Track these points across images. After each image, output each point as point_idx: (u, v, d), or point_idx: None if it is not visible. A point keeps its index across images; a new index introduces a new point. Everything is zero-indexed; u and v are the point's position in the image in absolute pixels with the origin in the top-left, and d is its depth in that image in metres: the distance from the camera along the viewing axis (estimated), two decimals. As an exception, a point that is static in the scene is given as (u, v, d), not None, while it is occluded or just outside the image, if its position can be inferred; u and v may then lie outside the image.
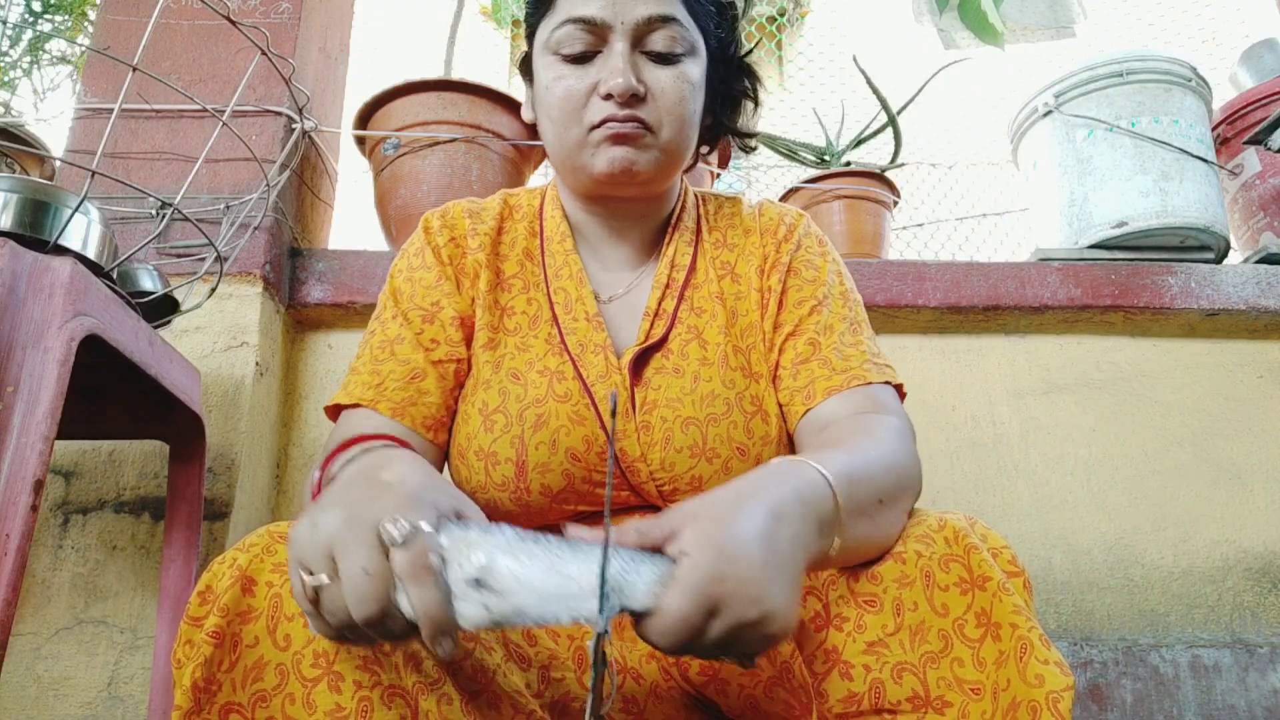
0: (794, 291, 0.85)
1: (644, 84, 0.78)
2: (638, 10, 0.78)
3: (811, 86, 2.77)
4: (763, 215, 0.91)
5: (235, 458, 1.24)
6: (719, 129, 0.91)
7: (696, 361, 0.81)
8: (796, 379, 0.80)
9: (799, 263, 0.86)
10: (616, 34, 0.78)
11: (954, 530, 0.61)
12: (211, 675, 0.54)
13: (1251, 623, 1.44)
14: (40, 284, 0.75)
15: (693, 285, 0.87)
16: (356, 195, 1.82)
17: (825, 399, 0.78)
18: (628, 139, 0.78)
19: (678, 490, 0.75)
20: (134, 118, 1.41)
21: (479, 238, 0.87)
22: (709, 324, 0.84)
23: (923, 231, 2.43)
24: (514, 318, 0.85)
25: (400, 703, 0.56)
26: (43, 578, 1.17)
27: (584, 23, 0.78)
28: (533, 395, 0.78)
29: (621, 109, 0.77)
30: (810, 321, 0.83)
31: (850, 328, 0.83)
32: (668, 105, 0.79)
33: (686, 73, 0.80)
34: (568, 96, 0.79)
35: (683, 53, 0.80)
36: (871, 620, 0.62)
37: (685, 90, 0.80)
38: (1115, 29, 2.84)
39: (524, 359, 0.81)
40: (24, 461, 0.68)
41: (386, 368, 0.80)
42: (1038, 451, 1.54)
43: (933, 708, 0.58)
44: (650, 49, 0.79)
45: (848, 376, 0.78)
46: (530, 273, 0.87)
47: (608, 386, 0.78)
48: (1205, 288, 1.58)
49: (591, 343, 0.81)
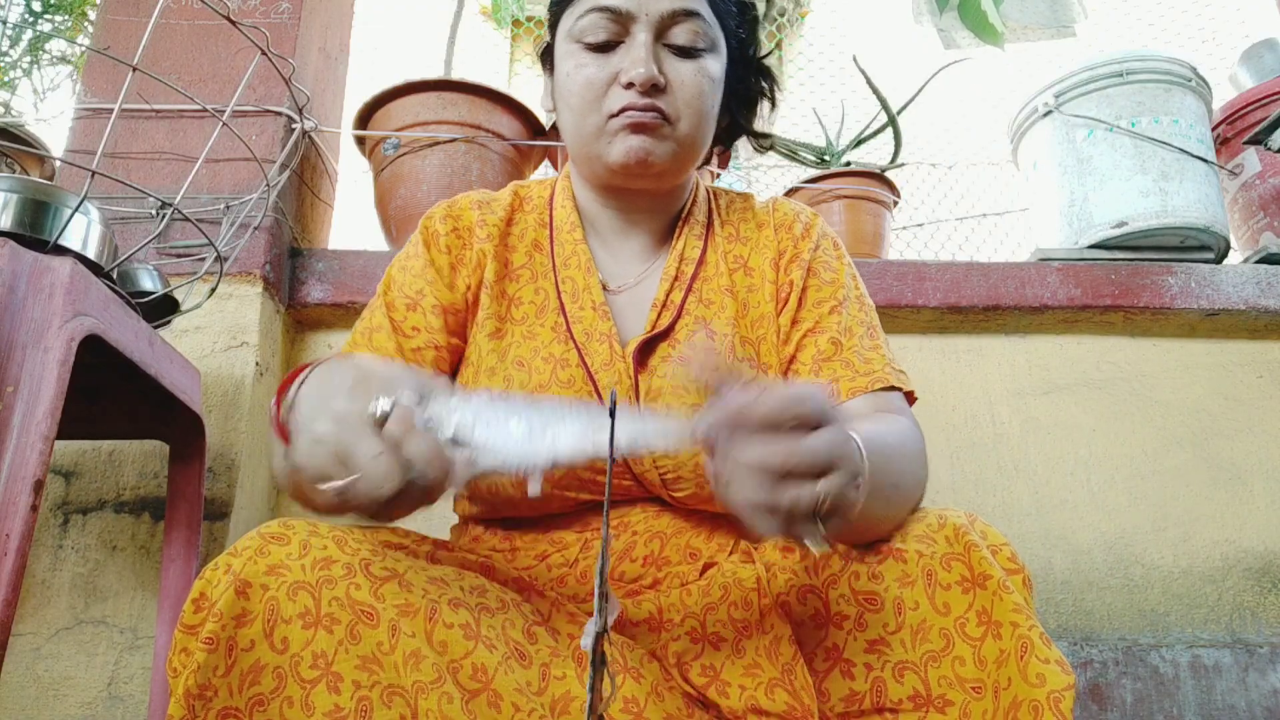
0: (814, 291, 0.85)
1: (665, 75, 0.79)
2: (662, 3, 0.79)
3: (811, 86, 2.77)
4: (777, 210, 0.91)
5: (235, 458, 1.24)
6: (735, 129, 0.92)
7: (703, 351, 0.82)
8: (819, 375, 0.81)
9: (818, 263, 0.87)
10: (640, 24, 0.79)
11: (954, 528, 0.62)
12: (207, 681, 0.54)
13: (1251, 623, 1.44)
14: (40, 284, 0.75)
15: (702, 278, 0.87)
16: (356, 195, 1.82)
17: (849, 398, 0.79)
18: (646, 128, 0.79)
19: (681, 479, 0.75)
20: (134, 118, 1.41)
21: (487, 228, 0.88)
22: (717, 315, 0.84)
23: (923, 231, 2.43)
24: (521, 307, 0.85)
25: (400, 702, 0.56)
26: (43, 578, 1.17)
27: (609, 11, 0.79)
28: (536, 381, 0.79)
29: (641, 98, 0.78)
30: (830, 321, 0.83)
31: (868, 332, 0.84)
32: (687, 98, 0.80)
33: (707, 68, 0.81)
34: (588, 84, 0.80)
35: (704, 48, 0.81)
36: (872, 619, 0.62)
37: (705, 85, 0.81)
38: (1115, 29, 2.84)
39: (529, 347, 0.82)
40: (24, 461, 0.68)
41: (361, 353, 0.83)
42: (1038, 451, 1.54)
43: (934, 706, 0.59)
44: (672, 42, 0.80)
45: (871, 379, 0.79)
46: (538, 263, 0.88)
47: (612, 375, 0.79)
48: (1205, 288, 1.58)
49: (597, 331, 0.81)
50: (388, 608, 0.58)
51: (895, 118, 1.85)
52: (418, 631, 0.59)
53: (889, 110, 1.85)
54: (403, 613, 0.59)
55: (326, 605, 0.57)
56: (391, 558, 0.62)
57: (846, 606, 0.63)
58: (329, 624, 0.56)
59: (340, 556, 0.59)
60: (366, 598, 0.58)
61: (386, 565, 0.61)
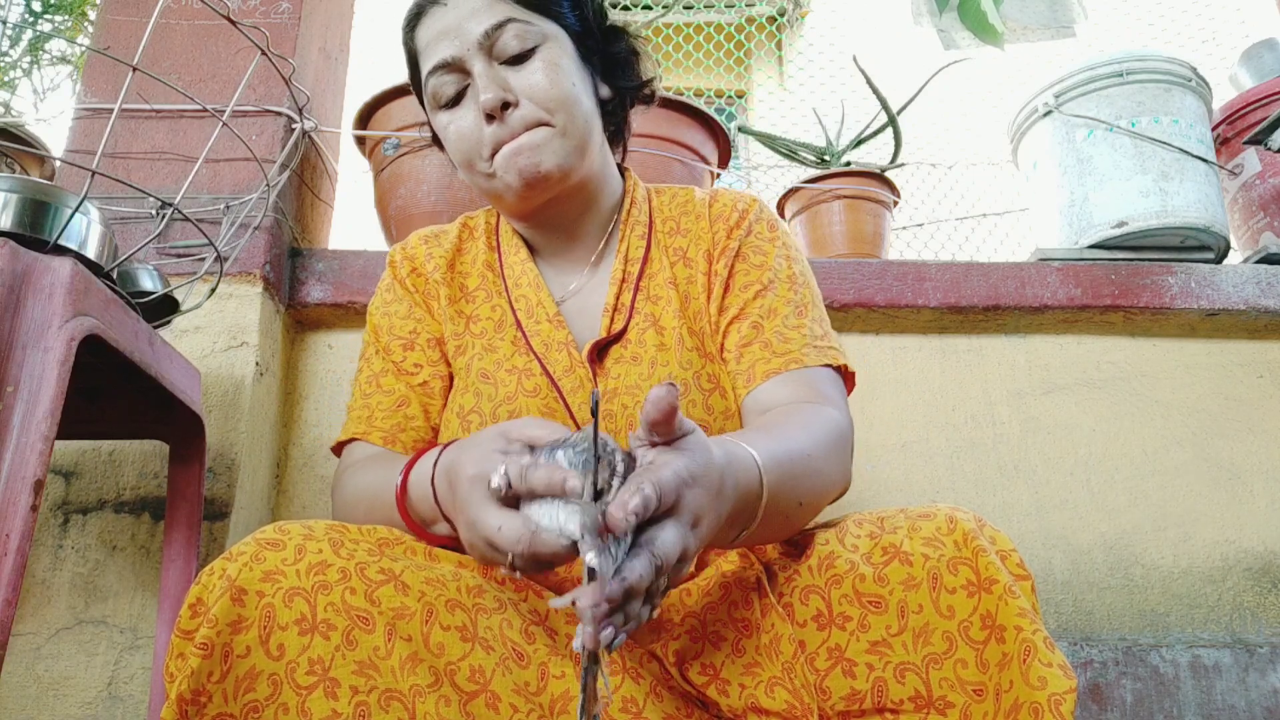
0: (740, 276, 0.87)
1: (511, 89, 0.80)
2: (475, 30, 0.81)
3: (811, 86, 2.78)
4: (715, 202, 0.92)
5: (235, 458, 1.24)
6: (624, 93, 0.92)
7: (654, 348, 0.83)
8: (740, 362, 0.83)
9: (748, 248, 0.88)
10: (471, 60, 0.81)
11: (964, 533, 0.61)
12: (201, 687, 0.54)
13: (1251, 623, 1.44)
14: (40, 284, 0.75)
15: (647, 275, 0.89)
16: (356, 195, 1.82)
17: (764, 381, 0.80)
18: (523, 149, 0.80)
19: None
20: (134, 118, 1.41)
21: (434, 260, 0.92)
22: (664, 310, 0.86)
23: (923, 231, 2.43)
24: (479, 323, 0.89)
25: (398, 706, 0.56)
26: (43, 578, 1.17)
27: (442, 67, 0.82)
28: (504, 393, 0.82)
29: (503, 125, 0.80)
30: (755, 305, 0.84)
31: (795, 310, 0.84)
32: (542, 92, 0.80)
33: (547, 57, 0.82)
34: (461, 137, 0.82)
35: (535, 44, 0.82)
36: (875, 620, 0.62)
37: (552, 73, 0.81)
38: (1115, 29, 2.84)
39: (492, 359, 0.85)
40: (24, 461, 0.68)
41: (374, 400, 0.87)
42: (1038, 451, 1.53)
43: (935, 708, 0.58)
44: (506, 55, 0.81)
45: (786, 359, 0.80)
46: (492, 282, 0.91)
47: (573, 380, 0.82)
48: (1205, 288, 1.58)
49: (555, 341, 0.84)
50: (384, 612, 0.58)
51: (895, 118, 1.85)
52: (414, 635, 0.59)
53: (889, 110, 1.85)
54: (399, 616, 0.59)
55: (322, 611, 0.57)
56: (389, 557, 0.62)
57: (850, 607, 0.63)
58: (325, 630, 0.56)
59: (335, 561, 0.59)
60: (362, 603, 0.58)
61: (383, 567, 0.61)
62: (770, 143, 1.99)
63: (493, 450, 0.60)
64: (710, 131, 1.66)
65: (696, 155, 1.63)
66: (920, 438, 1.52)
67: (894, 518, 0.65)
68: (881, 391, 1.53)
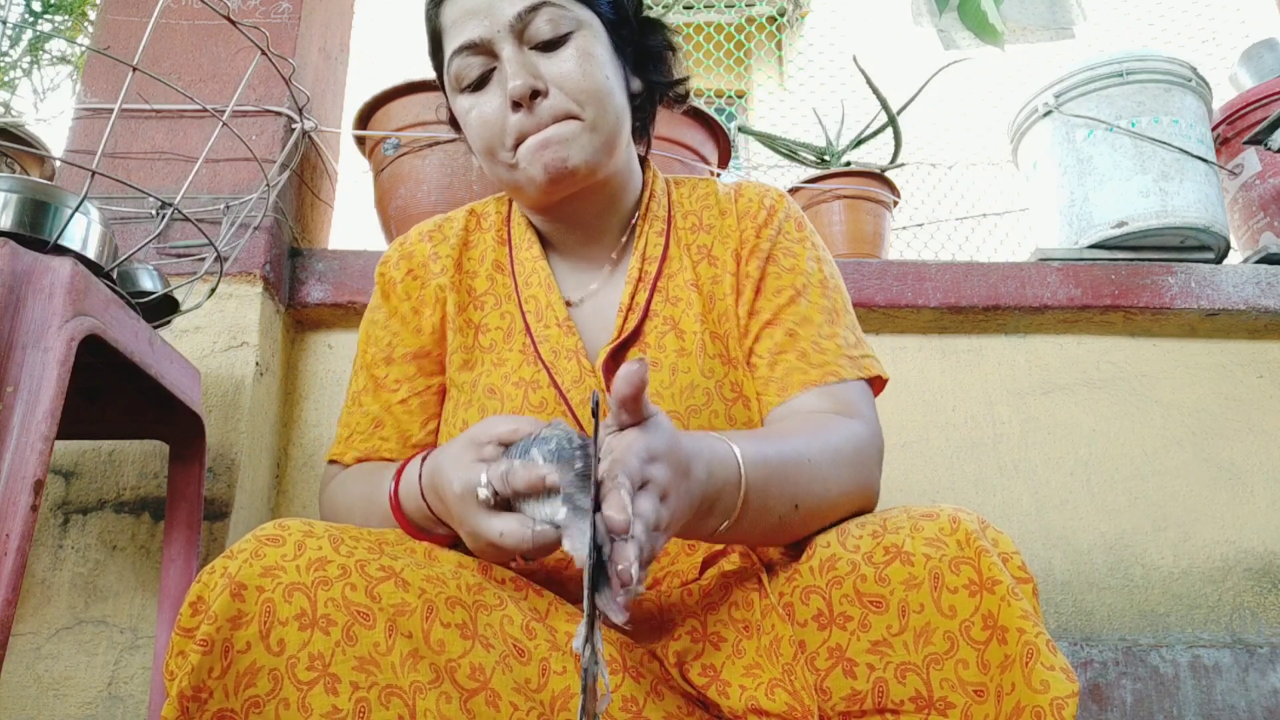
0: (772, 279, 0.83)
1: (542, 77, 0.76)
2: (508, 11, 0.77)
3: (811, 86, 2.78)
4: (741, 196, 0.88)
5: (235, 458, 1.24)
6: (654, 88, 0.88)
7: (674, 353, 0.80)
8: (774, 369, 0.80)
9: (779, 250, 0.85)
10: (500, 43, 0.77)
11: (966, 533, 0.61)
12: (201, 683, 0.54)
13: (1251, 623, 1.44)
14: (40, 284, 0.75)
15: (666, 275, 0.85)
16: (356, 195, 1.82)
17: (800, 392, 0.78)
18: (550, 142, 0.76)
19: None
20: (134, 118, 1.41)
21: (441, 260, 0.88)
22: (685, 312, 0.83)
23: (923, 231, 2.43)
24: (488, 334, 0.85)
25: (398, 703, 0.56)
26: (43, 578, 1.17)
27: (468, 47, 0.78)
28: (509, 409, 0.79)
29: (530, 114, 0.76)
30: (789, 311, 0.82)
31: (828, 318, 0.82)
32: (574, 83, 0.77)
33: (581, 46, 0.78)
34: (484, 124, 0.78)
35: (570, 30, 0.78)
36: (876, 620, 0.61)
37: (585, 62, 0.77)
38: (1115, 29, 2.84)
39: (500, 374, 0.82)
40: (24, 461, 0.68)
41: (354, 420, 0.87)
42: (1038, 451, 1.54)
43: (935, 708, 0.58)
44: (537, 41, 0.77)
45: (823, 372, 0.78)
46: (501, 285, 0.87)
47: (583, 391, 0.78)
48: (1205, 288, 1.58)
49: (564, 348, 0.81)
50: (384, 608, 0.58)
51: (895, 118, 1.85)
52: (415, 632, 0.59)
53: (889, 110, 1.85)
54: (399, 613, 0.59)
55: (323, 606, 0.57)
56: (389, 555, 0.62)
57: (850, 607, 0.63)
58: (325, 625, 0.56)
59: (335, 557, 0.59)
60: (362, 599, 0.58)
61: (383, 565, 0.61)
62: (770, 143, 1.99)
63: (470, 460, 0.62)
64: (710, 131, 1.66)
65: (696, 155, 1.63)
66: (920, 438, 1.52)
67: (897, 518, 0.65)
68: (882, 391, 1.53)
